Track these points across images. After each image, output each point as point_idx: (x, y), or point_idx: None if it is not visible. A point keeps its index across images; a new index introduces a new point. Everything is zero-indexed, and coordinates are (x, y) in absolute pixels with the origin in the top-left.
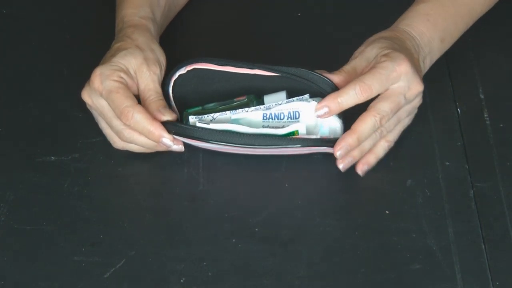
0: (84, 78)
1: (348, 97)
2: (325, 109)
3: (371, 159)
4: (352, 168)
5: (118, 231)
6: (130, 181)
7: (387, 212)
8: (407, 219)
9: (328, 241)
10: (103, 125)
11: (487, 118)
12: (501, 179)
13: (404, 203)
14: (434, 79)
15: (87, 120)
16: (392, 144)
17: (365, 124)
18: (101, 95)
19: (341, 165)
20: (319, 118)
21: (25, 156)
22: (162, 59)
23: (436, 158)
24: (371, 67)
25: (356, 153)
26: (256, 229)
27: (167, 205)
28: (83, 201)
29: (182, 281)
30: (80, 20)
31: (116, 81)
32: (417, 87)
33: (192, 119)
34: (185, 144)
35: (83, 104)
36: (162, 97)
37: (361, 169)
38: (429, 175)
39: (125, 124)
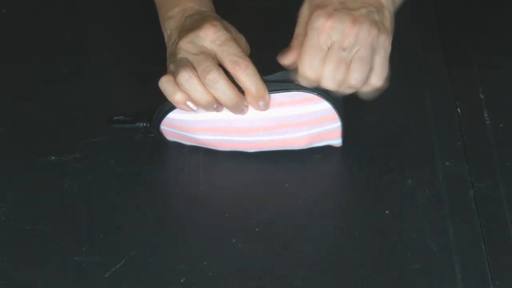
0: (84, 78)
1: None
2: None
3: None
4: (352, 168)
5: (118, 231)
6: (130, 181)
7: (387, 212)
8: (407, 219)
9: (328, 241)
10: (188, 74)
11: (487, 118)
12: (501, 179)
13: (404, 203)
14: (434, 79)
15: (87, 120)
16: (381, 78)
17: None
18: (212, 41)
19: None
20: None
21: (25, 156)
22: None
23: (436, 158)
24: (303, 43)
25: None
26: (256, 229)
27: (167, 205)
28: (83, 201)
29: (182, 281)
30: (80, 20)
31: (230, 35)
32: (350, 32)
33: None
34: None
35: (83, 104)
36: None
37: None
38: (429, 175)
39: (235, 73)
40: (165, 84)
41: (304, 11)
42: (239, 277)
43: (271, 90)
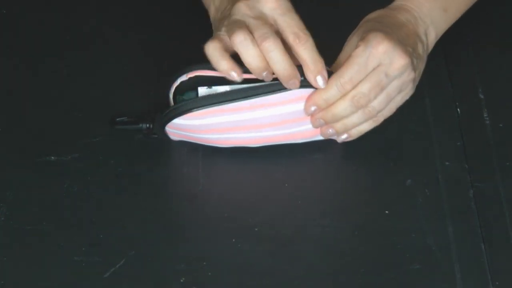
0: (84, 78)
1: (333, 93)
2: (314, 107)
3: (354, 132)
4: (352, 168)
5: (118, 231)
6: (130, 181)
7: (386, 212)
8: (407, 219)
9: (328, 241)
10: (243, 35)
11: (487, 118)
12: (500, 179)
13: (404, 203)
14: (434, 79)
15: (87, 120)
16: (381, 120)
17: (341, 103)
18: (272, 9)
19: (322, 133)
20: None
21: (25, 156)
22: None
23: (436, 158)
24: (349, 56)
25: (338, 126)
26: (256, 229)
27: (167, 205)
28: (83, 201)
29: (182, 281)
30: (80, 20)
31: (291, 5)
32: (400, 61)
33: (202, 89)
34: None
35: (83, 104)
36: None
37: (340, 138)
38: (428, 175)
39: (294, 45)
40: (212, 51)
41: (360, 34)
42: (239, 277)
43: (280, 89)
